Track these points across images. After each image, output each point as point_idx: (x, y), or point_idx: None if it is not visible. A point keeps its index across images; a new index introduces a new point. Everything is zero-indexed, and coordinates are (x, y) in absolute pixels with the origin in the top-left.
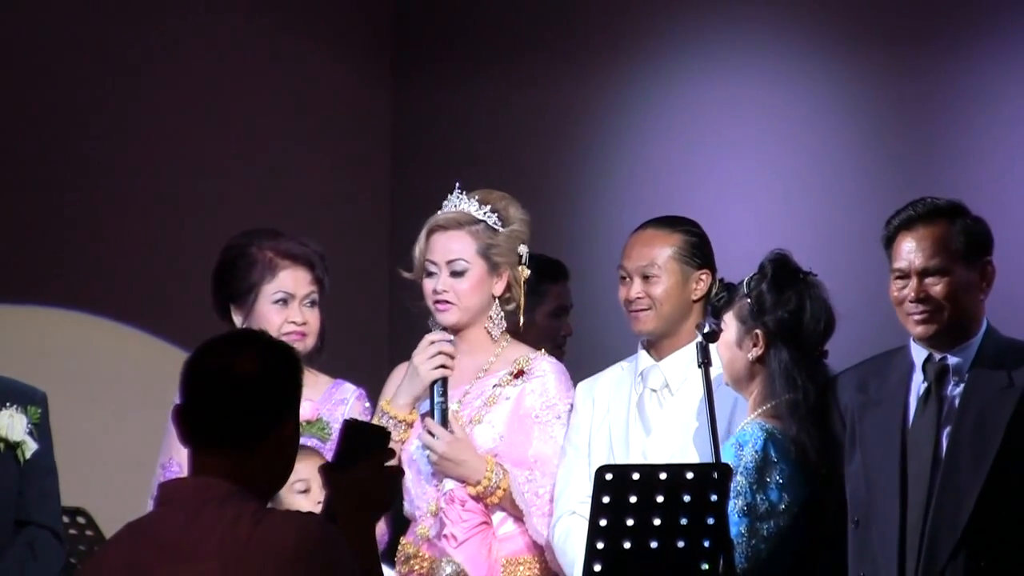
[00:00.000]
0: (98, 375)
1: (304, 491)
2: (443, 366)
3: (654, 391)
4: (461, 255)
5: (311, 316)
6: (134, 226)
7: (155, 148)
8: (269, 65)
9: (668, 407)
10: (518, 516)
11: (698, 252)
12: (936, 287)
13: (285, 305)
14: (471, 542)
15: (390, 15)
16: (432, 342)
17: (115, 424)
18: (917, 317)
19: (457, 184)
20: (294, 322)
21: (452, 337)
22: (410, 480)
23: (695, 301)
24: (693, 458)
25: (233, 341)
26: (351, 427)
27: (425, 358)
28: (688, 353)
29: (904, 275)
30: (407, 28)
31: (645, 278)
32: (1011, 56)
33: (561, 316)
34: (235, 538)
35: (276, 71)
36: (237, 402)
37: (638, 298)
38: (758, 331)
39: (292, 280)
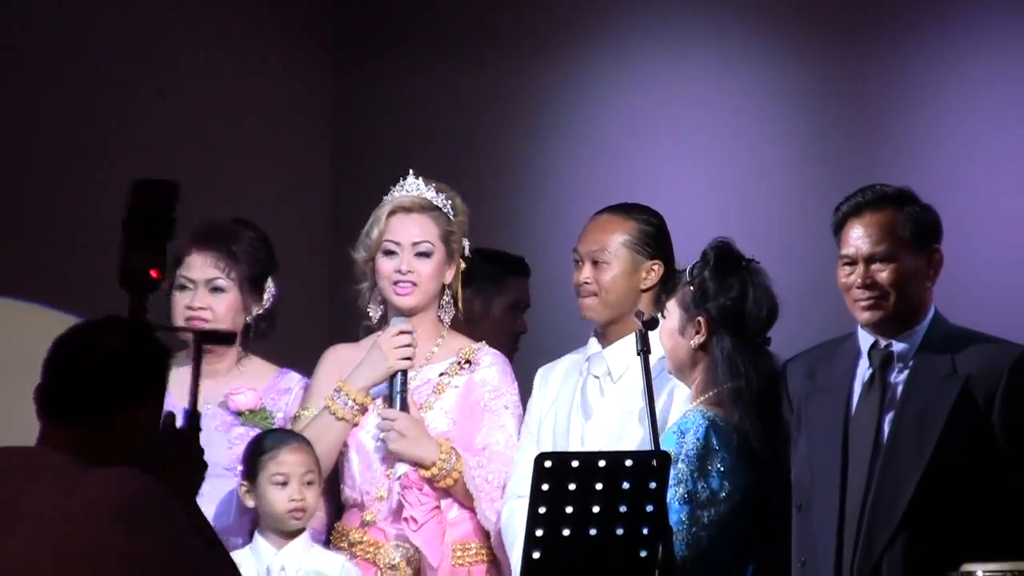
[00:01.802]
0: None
1: (283, 484)
2: (408, 358)
3: (596, 378)
4: (427, 237)
5: (215, 302)
6: (70, 211)
7: (94, 136)
8: (209, 52)
9: (608, 394)
10: (465, 501)
11: (651, 241)
12: (882, 274)
13: (187, 290)
14: (428, 525)
15: (332, 2)
16: (401, 331)
17: None
18: (863, 303)
19: (411, 170)
20: (190, 307)
21: (413, 330)
22: (357, 466)
23: (644, 290)
24: (629, 445)
25: (101, 323)
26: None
27: (393, 346)
28: (632, 341)
29: (851, 261)
30: (349, 15)
31: (595, 263)
32: (959, 43)
33: (517, 312)
34: (64, 503)
35: (216, 59)
36: (89, 376)
37: (585, 282)
38: (700, 318)
39: (193, 265)
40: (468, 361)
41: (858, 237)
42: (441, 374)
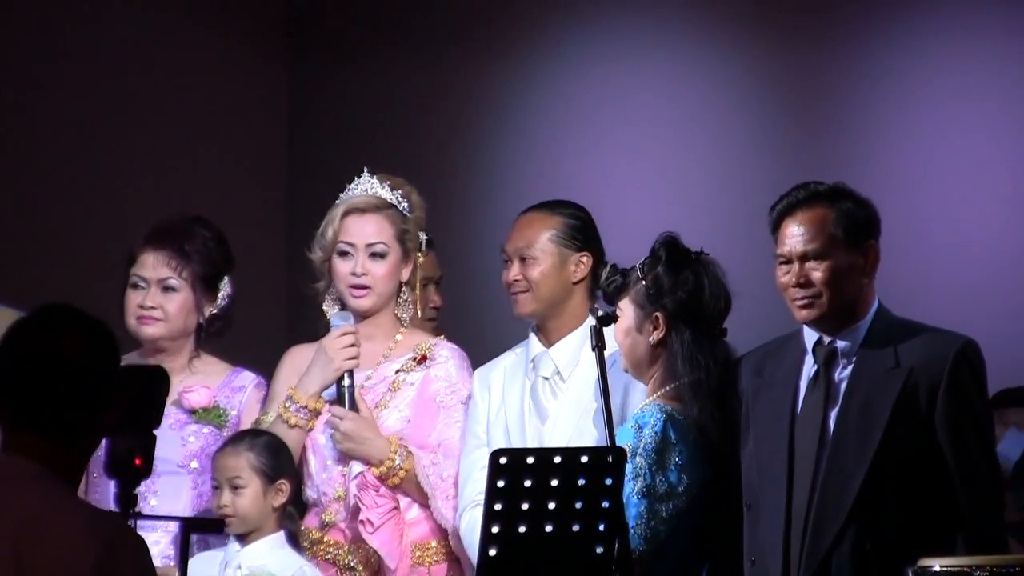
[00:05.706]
0: None
1: (215, 487)
2: (353, 357)
3: (546, 379)
4: (381, 238)
5: (167, 301)
6: (27, 211)
7: (51, 132)
8: (164, 46)
9: (561, 394)
10: (421, 499)
11: (578, 235)
12: (816, 272)
13: (140, 289)
14: (386, 527)
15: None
16: (344, 333)
17: None
18: (799, 302)
19: (366, 168)
20: (142, 306)
21: (357, 330)
22: (314, 466)
23: (575, 283)
24: (590, 442)
25: (57, 320)
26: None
27: (339, 348)
28: (576, 337)
29: (787, 260)
30: (303, 10)
31: (523, 260)
32: (903, 38)
33: (427, 287)
34: (36, 526)
35: (171, 52)
36: (64, 389)
37: (515, 280)
38: (658, 314)
39: (146, 264)
40: (425, 357)
41: (791, 236)
42: (397, 371)
